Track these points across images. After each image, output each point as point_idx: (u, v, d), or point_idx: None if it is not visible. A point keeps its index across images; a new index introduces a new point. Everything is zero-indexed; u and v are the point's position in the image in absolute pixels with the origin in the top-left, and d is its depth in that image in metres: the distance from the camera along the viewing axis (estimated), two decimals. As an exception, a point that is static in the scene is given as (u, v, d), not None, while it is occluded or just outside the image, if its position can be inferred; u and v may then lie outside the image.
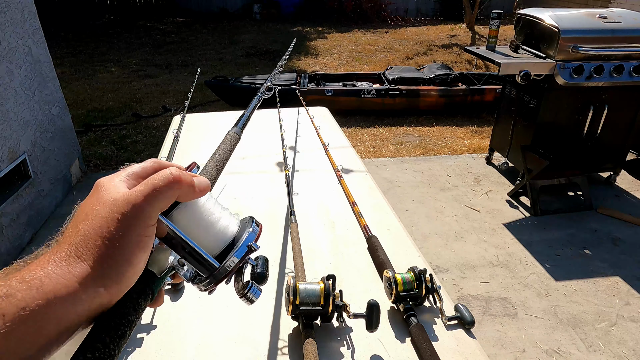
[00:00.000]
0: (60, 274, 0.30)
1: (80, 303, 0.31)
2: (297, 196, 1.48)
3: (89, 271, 0.31)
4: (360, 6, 11.19)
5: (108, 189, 0.35)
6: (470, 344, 0.90)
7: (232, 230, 0.43)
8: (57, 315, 0.29)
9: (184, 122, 2.06)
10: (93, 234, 0.32)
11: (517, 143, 3.50)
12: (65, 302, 0.30)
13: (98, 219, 0.33)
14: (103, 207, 0.34)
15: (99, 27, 10.52)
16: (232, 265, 0.41)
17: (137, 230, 0.34)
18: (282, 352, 0.89)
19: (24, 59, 3.09)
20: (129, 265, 0.33)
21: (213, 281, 0.41)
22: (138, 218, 0.34)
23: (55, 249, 0.32)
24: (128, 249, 0.33)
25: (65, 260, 0.31)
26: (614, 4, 8.18)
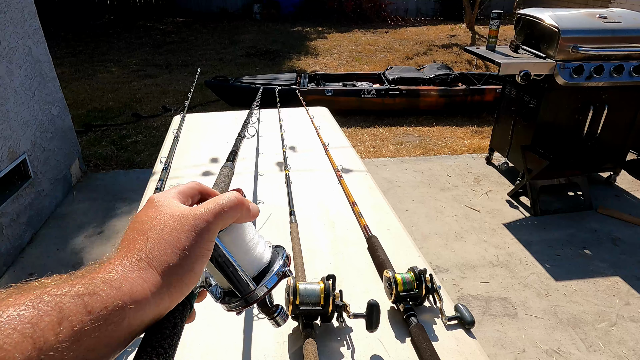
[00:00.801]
0: (135, 278, 0.32)
1: (149, 307, 0.32)
2: (297, 196, 1.48)
3: (158, 278, 0.33)
4: (360, 6, 11.19)
5: (168, 204, 0.38)
6: (470, 344, 0.90)
7: (266, 257, 0.45)
8: (130, 317, 0.30)
9: (184, 122, 2.06)
10: (163, 244, 0.34)
11: (517, 143, 3.50)
12: (138, 304, 0.31)
13: (168, 230, 0.35)
14: (171, 219, 0.36)
15: (99, 27, 10.52)
16: (266, 290, 0.43)
17: (204, 244, 0.36)
18: (282, 352, 0.89)
19: (24, 59, 3.09)
20: (193, 275, 0.35)
21: (244, 303, 0.42)
22: (207, 232, 0.36)
23: (125, 254, 0.34)
24: (194, 259, 0.35)
25: (137, 266, 0.33)
26: (614, 4, 8.18)
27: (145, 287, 0.32)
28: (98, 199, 3.54)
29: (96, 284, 0.30)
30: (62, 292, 0.28)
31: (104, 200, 3.52)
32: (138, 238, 0.35)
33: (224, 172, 0.81)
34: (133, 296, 0.31)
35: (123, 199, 3.51)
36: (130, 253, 0.34)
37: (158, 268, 0.33)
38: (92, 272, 0.31)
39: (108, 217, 3.28)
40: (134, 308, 0.31)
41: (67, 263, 2.79)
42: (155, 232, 0.35)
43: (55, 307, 0.27)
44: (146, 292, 0.32)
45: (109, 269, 0.32)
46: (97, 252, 2.90)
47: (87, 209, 3.39)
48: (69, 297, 0.28)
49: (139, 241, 0.35)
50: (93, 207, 3.42)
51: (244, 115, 2.36)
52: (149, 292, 0.32)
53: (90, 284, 0.29)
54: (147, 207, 0.39)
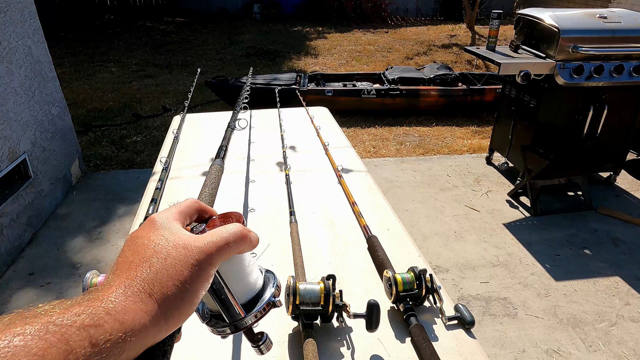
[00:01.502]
0: (136, 311, 0.32)
1: (147, 339, 0.32)
2: (297, 196, 1.48)
3: (158, 310, 0.33)
4: (360, 6, 11.19)
5: (171, 229, 0.38)
6: (470, 344, 0.90)
7: (259, 284, 0.45)
8: (129, 348, 0.31)
9: (184, 122, 2.06)
10: (166, 275, 0.34)
11: (517, 143, 3.50)
12: (138, 337, 0.31)
13: (171, 261, 0.35)
14: (175, 249, 0.36)
15: (99, 27, 10.52)
16: (254, 319, 0.43)
17: (205, 278, 0.36)
18: (282, 352, 0.89)
19: (24, 59, 3.09)
20: (191, 307, 0.36)
21: (232, 329, 0.42)
22: (210, 267, 0.37)
23: (127, 281, 0.33)
24: (194, 293, 0.35)
25: (139, 297, 0.33)
26: (614, 4, 8.18)
27: (145, 319, 0.32)
28: (98, 199, 3.54)
29: (101, 315, 0.30)
30: (68, 322, 0.28)
31: (104, 200, 3.52)
32: (140, 264, 0.35)
33: (214, 172, 0.78)
34: (134, 329, 0.31)
35: (123, 199, 3.51)
36: (133, 282, 0.33)
37: (159, 301, 0.33)
38: (95, 301, 0.31)
39: (108, 217, 3.28)
40: (134, 340, 0.31)
41: (67, 263, 2.80)
42: (158, 261, 0.35)
43: (62, 338, 0.27)
44: (146, 324, 0.32)
45: (111, 297, 0.32)
46: (97, 252, 2.90)
47: (87, 209, 3.39)
48: (74, 328, 0.28)
49: (140, 268, 0.34)
50: (93, 207, 3.42)
51: (244, 115, 2.36)
52: (149, 325, 0.32)
53: (95, 315, 0.29)
54: (148, 228, 0.38)
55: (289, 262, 1.16)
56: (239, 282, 0.43)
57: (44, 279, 2.65)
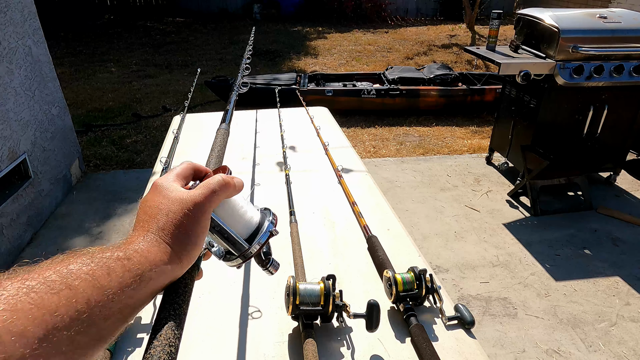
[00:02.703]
0: (155, 251, 0.41)
1: (166, 272, 0.41)
2: (297, 196, 1.48)
3: (172, 251, 0.42)
4: (360, 6, 11.18)
5: (170, 188, 0.46)
6: (470, 344, 0.90)
7: (255, 220, 0.53)
8: (154, 278, 0.40)
9: (184, 122, 2.06)
10: (171, 225, 0.43)
11: (517, 143, 3.50)
12: (160, 269, 0.40)
13: (172, 215, 0.43)
14: (174, 204, 0.44)
15: (99, 27, 10.52)
16: (258, 247, 0.51)
17: (202, 222, 0.45)
18: (282, 352, 0.89)
19: (24, 59, 3.09)
20: (196, 246, 0.44)
21: (242, 259, 0.51)
22: (203, 212, 0.45)
23: (144, 232, 0.43)
24: (196, 235, 0.44)
25: (156, 241, 0.42)
26: (614, 4, 8.18)
27: (163, 257, 0.41)
28: (98, 199, 3.54)
29: (130, 252, 0.39)
30: (107, 255, 0.37)
31: (104, 200, 3.52)
32: (150, 220, 0.44)
33: (220, 135, 0.84)
34: (156, 263, 0.40)
35: (123, 199, 3.51)
36: (148, 232, 0.42)
37: (170, 244, 0.42)
38: (124, 244, 0.40)
39: (108, 217, 3.28)
40: (157, 272, 0.40)
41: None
42: (163, 216, 0.43)
43: (104, 265, 0.36)
44: (165, 260, 0.41)
45: (136, 242, 0.41)
46: (97, 252, 2.90)
47: (87, 209, 3.39)
48: (113, 259, 0.37)
49: (151, 222, 0.43)
50: (93, 207, 3.42)
51: (244, 115, 2.36)
52: (167, 261, 0.41)
53: (127, 252, 0.39)
54: (152, 191, 0.47)
55: (289, 262, 1.16)
56: (237, 220, 0.51)
57: (44, 279, 2.64)
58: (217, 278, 1.11)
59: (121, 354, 0.89)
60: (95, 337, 0.34)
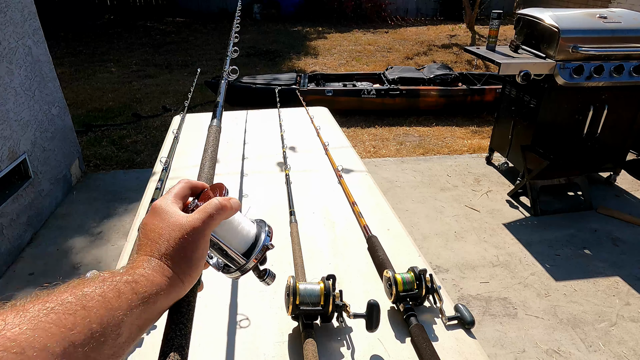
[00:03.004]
0: (159, 275, 0.44)
1: (170, 294, 0.45)
2: (297, 196, 1.48)
3: (174, 274, 0.45)
4: (360, 6, 11.18)
5: (169, 212, 0.49)
6: (470, 344, 0.90)
7: (252, 234, 0.55)
8: (160, 300, 0.43)
9: (184, 122, 2.06)
10: (172, 250, 0.46)
11: (517, 143, 3.50)
12: (164, 292, 0.44)
13: (173, 240, 0.46)
14: (174, 230, 0.47)
15: (99, 27, 10.52)
16: (255, 261, 0.54)
17: (201, 246, 0.47)
18: (282, 352, 0.89)
19: (24, 59, 3.09)
20: (197, 269, 0.48)
21: (240, 272, 0.54)
22: (201, 237, 0.47)
23: (147, 258, 0.45)
24: (196, 258, 0.47)
25: (159, 266, 0.45)
26: (614, 4, 8.18)
27: (167, 280, 0.44)
28: (98, 199, 3.54)
29: (137, 276, 0.42)
30: (117, 279, 0.41)
31: (104, 200, 3.52)
32: (152, 245, 0.46)
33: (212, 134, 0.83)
34: (161, 286, 0.43)
35: (123, 199, 3.51)
36: (152, 257, 0.45)
37: (172, 267, 0.45)
38: (131, 269, 0.43)
39: (108, 217, 3.28)
40: (162, 294, 0.43)
41: (67, 263, 2.80)
42: (164, 242, 0.46)
43: (114, 288, 0.40)
44: (169, 283, 0.44)
45: (141, 267, 0.44)
46: (97, 252, 2.90)
47: (87, 209, 3.39)
48: (122, 282, 0.41)
49: (153, 247, 0.46)
50: (93, 207, 3.42)
51: (244, 115, 2.36)
52: (170, 284, 0.45)
53: (134, 275, 0.42)
54: (152, 214, 0.49)
55: (289, 262, 1.16)
56: (234, 238, 0.53)
57: (44, 279, 2.65)
58: (217, 278, 1.11)
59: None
60: (108, 353, 0.37)
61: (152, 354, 0.89)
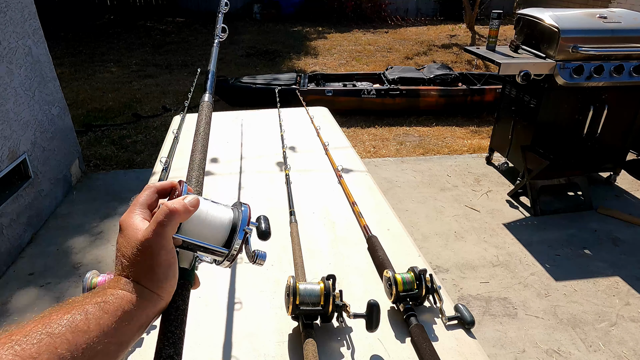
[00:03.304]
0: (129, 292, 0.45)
1: (147, 308, 0.45)
2: (297, 196, 1.48)
3: (144, 288, 0.46)
4: (360, 6, 11.18)
5: (128, 227, 0.48)
6: (470, 344, 0.90)
7: (228, 219, 0.53)
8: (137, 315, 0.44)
9: (184, 122, 2.06)
10: (137, 267, 0.46)
11: (517, 143, 3.50)
12: (136, 308, 0.44)
13: (131, 256, 0.46)
14: (129, 246, 0.46)
15: (99, 27, 10.52)
16: (237, 247, 0.52)
17: (161, 256, 0.46)
18: (282, 352, 0.89)
19: (24, 59, 3.09)
20: (168, 278, 0.47)
21: (229, 260, 0.53)
22: (158, 248, 0.46)
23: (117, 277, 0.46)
24: (161, 270, 0.46)
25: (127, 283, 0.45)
26: (614, 4, 8.18)
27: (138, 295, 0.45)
28: (98, 199, 3.54)
29: (107, 296, 0.43)
30: (87, 301, 0.42)
31: (104, 200, 3.52)
32: (119, 263, 0.47)
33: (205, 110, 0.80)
34: (132, 302, 0.44)
35: (123, 199, 3.51)
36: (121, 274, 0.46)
37: (141, 282, 0.46)
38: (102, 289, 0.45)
39: (108, 217, 3.27)
40: (135, 309, 0.44)
41: (67, 263, 2.79)
42: (126, 259, 0.46)
43: (82, 311, 0.40)
44: (140, 298, 0.45)
45: (113, 286, 0.45)
46: (97, 252, 2.90)
47: (87, 209, 3.39)
48: (91, 304, 0.42)
49: (119, 265, 0.47)
50: (93, 207, 3.42)
51: (244, 115, 2.36)
52: (143, 297, 0.45)
53: (104, 296, 0.43)
54: (120, 232, 0.49)
55: (289, 262, 1.16)
56: (208, 233, 0.51)
57: (44, 279, 2.65)
58: (217, 279, 1.11)
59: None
60: None
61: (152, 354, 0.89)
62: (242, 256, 0.54)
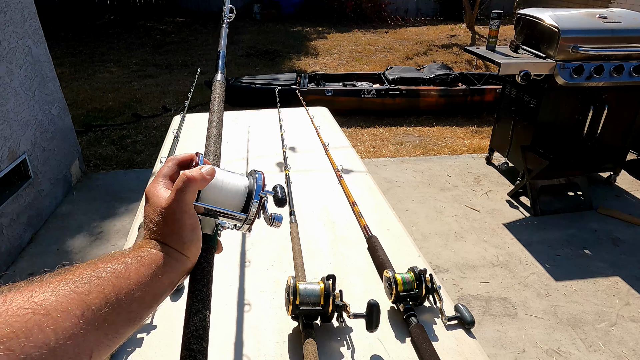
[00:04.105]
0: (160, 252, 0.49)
1: (176, 267, 0.50)
2: (297, 196, 1.48)
3: (172, 249, 0.50)
4: (360, 6, 11.18)
5: (154, 195, 0.52)
6: (470, 344, 0.90)
7: (244, 186, 0.57)
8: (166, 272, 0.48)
9: (184, 122, 2.06)
10: (163, 231, 0.50)
11: (517, 143, 3.50)
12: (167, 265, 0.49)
13: (158, 222, 0.50)
14: (155, 213, 0.51)
15: (99, 27, 10.52)
16: (255, 210, 0.55)
17: (184, 220, 0.50)
18: (282, 352, 0.89)
19: (24, 59, 3.09)
20: (192, 240, 0.51)
21: (248, 224, 0.56)
22: (181, 212, 0.50)
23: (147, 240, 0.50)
24: (186, 232, 0.50)
25: (157, 245, 0.50)
26: (614, 4, 8.18)
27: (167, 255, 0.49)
28: (98, 199, 3.54)
29: (142, 252, 0.48)
30: (126, 254, 0.47)
31: (104, 200, 3.52)
32: (147, 228, 0.51)
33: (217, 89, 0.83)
34: (164, 260, 0.48)
35: (123, 199, 3.51)
36: (150, 237, 0.51)
37: (170, 244, 0.50)
38: (137, 247, 0.49)
39: (108, 217, 3.27)
40: (166, 266, 0.48)
41: (67, 263, 2.79)
42: (154, 225, 0.51)
43: (123, 261, 0.46)
44: (169, 257, 0.49)
45: (145, 245, 0.50)
46: (97, 252, 2.90)
47: (87, 209, 3.39)
48: (130, 256, 0.47)
49: (150, 231, 0.51)
50: (93, 207, 3.42)
51: (244, 115, 2.36)
52: (174, 258, 0.49)
53: (140, 251, 0.48)
54: (145, 201, 0.53)
55: (289, 262, 1.16)
56: (225, 199, 0.55)
57: (44, 279, 2.65)
58: (217, 278, 1.11)
59: (121, 354, 0.89)
60: (124, 318, 0.43)
61: (152, 354, 0.89)
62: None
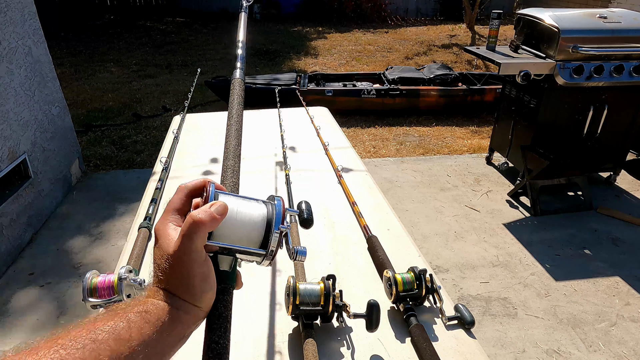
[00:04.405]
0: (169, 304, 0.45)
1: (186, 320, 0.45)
2: (297, 196, 1.48)
3: (183, 301, 0.45)
4: (360, 6, 11.18)
5: (163, 236, 0.47)
6: (470, 344, 0.90)
7: (262, 217, 0.50)
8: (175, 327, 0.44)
9: (184, 122, 2.06)
10: (172, 280, 0.46)
11: (517, 143, 3.50)
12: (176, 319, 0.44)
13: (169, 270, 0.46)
14: (166, 260, 0.46)
15: (99, 27, 10.52)
16: (275, 246, 0.50)
17: (195, 270, 0.45)
18: (282, 352, 0.89)
19: (24, 59, 3.09)
20: (204, 291, 0.46)
21: (269, 259, 0.51)
22: (190, 262, 0.45)
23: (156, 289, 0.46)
24: (196, 281, 0.45)
25: (165, 295, 0.45)
26: (614, 4, 8.18)
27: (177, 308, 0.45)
28: (98, 199, 3.54)
29: (148, 305, 0.43)
30: (129, 309, 0.42)
31: (104, 200, 3.52)
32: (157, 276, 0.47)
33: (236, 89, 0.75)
34: (173, 314, 0.44)
35: (123, 199, 3.51)
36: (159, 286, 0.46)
37: (180, 295, 0.45)
38: (145, 298, 0.45)
39: (108, 217, 3.27)
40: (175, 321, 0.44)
41: (67, 263, 2.79)
42: (162, 272, 0.46)
43: (125, 319, 0.41)
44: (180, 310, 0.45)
45: (153, 296, 0.45)
46: (97, 252, 2.90)
47: (87, 209, 3.39)
48: (133, 313, 0.42)
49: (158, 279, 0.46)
50: (93, 207, 3.42)
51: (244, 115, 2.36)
52: (184, 311, 0.45)
53: (146, 305, 0.43)
54: (155, 241, 0.49)
55: (289, 262, 1.16)
56: (241, 234, 0.49)
57: (44, 279, 2.65)
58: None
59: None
60: None
61: None
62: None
